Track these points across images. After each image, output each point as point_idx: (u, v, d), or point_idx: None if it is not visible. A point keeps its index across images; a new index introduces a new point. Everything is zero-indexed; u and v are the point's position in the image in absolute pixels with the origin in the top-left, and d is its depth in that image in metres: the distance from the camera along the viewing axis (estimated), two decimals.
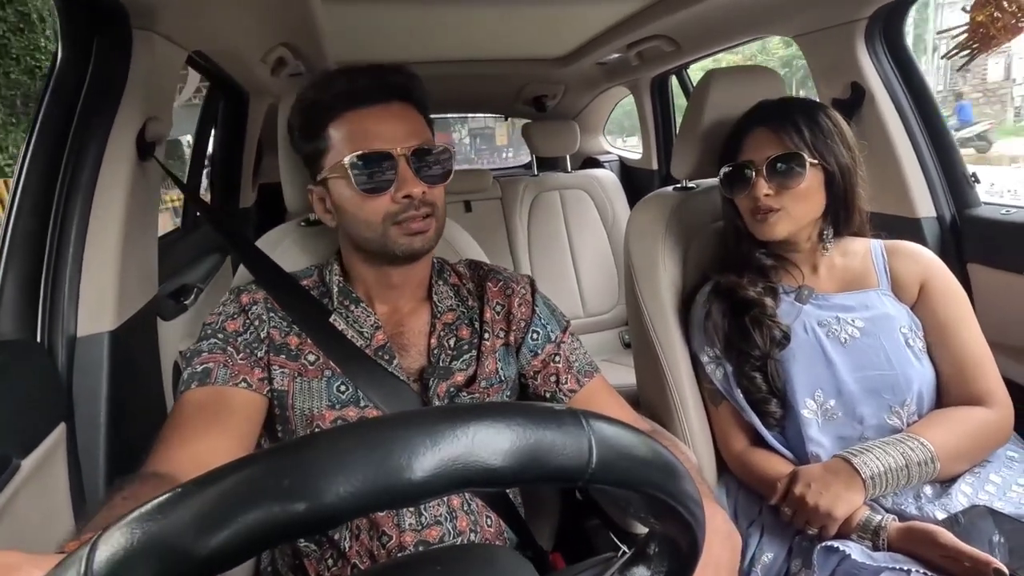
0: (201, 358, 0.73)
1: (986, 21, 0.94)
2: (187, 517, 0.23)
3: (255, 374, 0.74)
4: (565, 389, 0.86)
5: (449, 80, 2.13)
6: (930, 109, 1.27)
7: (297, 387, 0.75)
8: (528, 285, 0.90)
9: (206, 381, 0.71)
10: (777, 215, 0.93)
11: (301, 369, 0.76)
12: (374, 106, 0.75)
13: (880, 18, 1.24)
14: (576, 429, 0.27)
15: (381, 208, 0.74)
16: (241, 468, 0.25)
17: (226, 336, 0.75)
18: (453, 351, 0.81)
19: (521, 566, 0.40)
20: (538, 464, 0.26)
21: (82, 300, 0.90)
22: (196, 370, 0.72)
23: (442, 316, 0.83)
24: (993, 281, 1.16)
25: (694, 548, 0.36)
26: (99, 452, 0.87)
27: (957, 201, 1.25)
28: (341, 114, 0.75)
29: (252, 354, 0.75)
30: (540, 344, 0.86)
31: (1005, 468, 0.87)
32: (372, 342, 0.78)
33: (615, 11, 1.54)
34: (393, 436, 0.25)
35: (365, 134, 0.74)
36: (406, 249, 0.76)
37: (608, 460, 0.28)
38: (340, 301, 0.80)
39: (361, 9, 1.37)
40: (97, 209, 0.92)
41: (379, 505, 0.24)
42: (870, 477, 0.80)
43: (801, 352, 0.93)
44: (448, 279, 0.88)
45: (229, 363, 0.73)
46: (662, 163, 2.52)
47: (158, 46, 0.99)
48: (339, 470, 0.24)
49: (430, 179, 0.76)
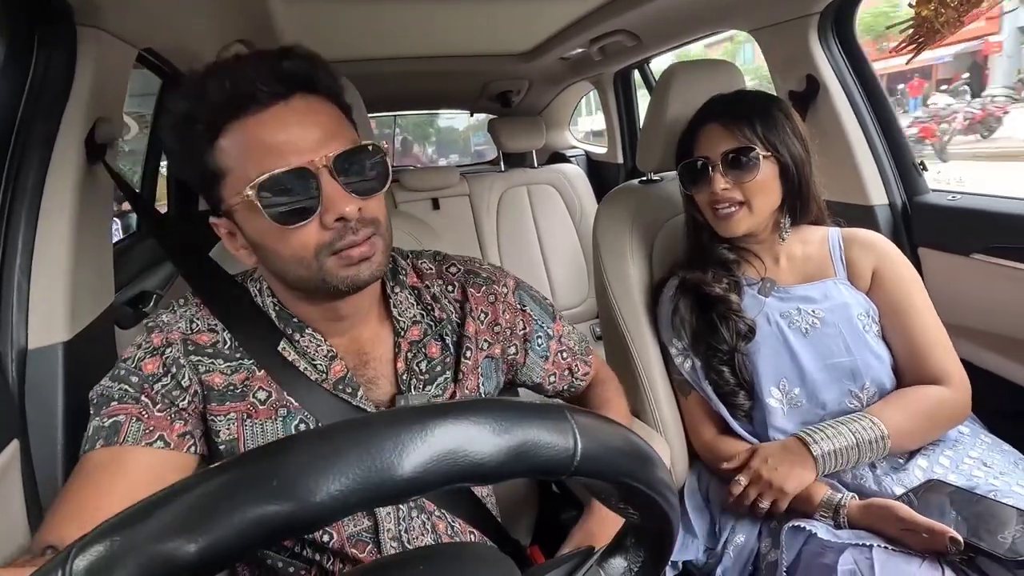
0: (111, 409, 0.61)
1: (931, 16, 0.97)
2: (168, 520, 0.23)
3: (175, 429, 0.62)
4: (580, 375, 0.88)
5: (413, 77, 2.11)
6: (881, 100, 1.32)
7: (247, 432, 0.65)
8: (510, 285, 0.82)
9: (112, 440, 0.59)
10: (739, 213, 0.96)
11: (250, 410, 0.65)
12: (269, 107, 0.58)
13: (831, 13, 1.28)
14: (562, 424, 0.28)
15: (310, 240, 0.59)
16: (223, 471, 0.24)
17: (141, 381, 0.62)
18: (425, 375, 0.72)
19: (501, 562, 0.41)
20: (526, 458, 0.27)
21: (32, 310, 0.86)
22: (104, 424, 0.60)
23: (406, 333, 0.72)
24: (942, 264, 1.21)
25: (669, 536, 0.37)
26: (57, 468, 0.83)
27: (907, 189, 1.31)
28: (229, 123, 0.58)
29: (172, 404, 0.63)
30: (545, 346, 0.84)
31: (958, 443, 0.91)
32: (329, 375, 0.67)
33: (577, 6, 1.55)
34: (382, 434, 0.25)
35: (265, 148, 0.57)
36: (351, 283, 0.62)
37: (591, 453, 0.29)
38: (282, 328, 0.68)
39: (320, 4, 1.35)
40: (45, 215, 0.88)
41: (369, 502, 0.24)
42: (821, 456, 0.84)
43: (765, 344, 0.96)
44: (405, 280, 0.76)
45: (144, 415, 0.61)
46: (627, 157, 2.55)
47: (106, 44, 0.95)
48: (327, 469, 0.24)
49: (364, 190, 0.61)
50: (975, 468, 0.86)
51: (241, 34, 1.42)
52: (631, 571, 0.39)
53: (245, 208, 0.59)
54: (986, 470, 0.85)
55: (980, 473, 0.85)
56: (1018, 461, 0.90)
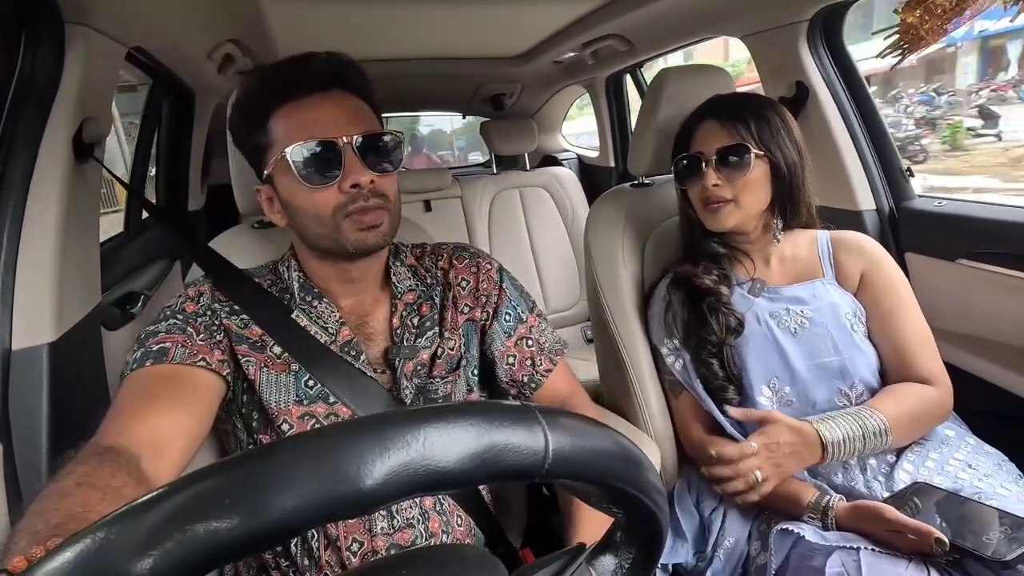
0: (158, 338, 0.70)
1: (915, 23, 0.99)
2: (125, 537, 0.22)
3: (215, 355, 0.71)
4: (541, 370, 0.89)
5: (405, 78, 2.10)
6: (869, 107, 1.34)
7: (264, 378, 0.74)
8: (495, 264, 0.91)
9: (162, 360, 0.68)
10: (727, 207, 0.97)
11: (268, 361, 0.74)
12: (311, 95, 0.73)
13: (820, 20, 1.30)
14: (532, 425, 0.27)
15: (330, 200, 0.72)
16: (184, 487, 0.24)
17: (185, 317, 0.73)
18: (416, 329, 0.81)
19: (491, 565, 0.40)
20: (492, 462, 0.26)
21: (16, 311, 0.85)
22: (151, 350, 0.69)
23: (402, 297, 0.83)
24: (928, 268, 1.23)
25: (659, 535, 0.37)
26: (41, 473, 0.82)
27: (895, 194, 1.32)
28: (280, 107, 0.73)
29: (212, 336, 0.73)
30: (512, 325, 0.88)
31: (943, 445, 0.92)
32: (337, 338, 0.77)
33: (570, 11, 1.56)
34: (342, 445, 0.24)
35: (305, 123, 0.71)
36: (359, 245, 0.74)
37: (565, 454, 0.28)
38: (302, 297, 0.79)
39: (312, 5, 1.34)
40: (31, 214, 0.87)
41: (331, 516, 0.24)
42: (831, 443, 0.84)
43: (755, 342, 0.97)
44: (405, 260, 0.87)
45: (188, 343, 0.70)
46: (619, 160, 2.56)
47: (94, 42, 0.94)
48: (286, 485, 0.23)
49: (379, 168, 0.73)
50: (960, 470, 0.87)
51: (232, 34, 1.41)
52: (621, 568, 0.39)
53: (280, 170, 0.73)
54: (971, 472, 0.87)
55: (965, 475, 0.86)
56: (1002, 463, 0.91)
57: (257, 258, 0.92)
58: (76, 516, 0.45)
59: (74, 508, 0.47)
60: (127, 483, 0.53)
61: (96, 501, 0.48)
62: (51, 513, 0.46)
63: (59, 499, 0.48)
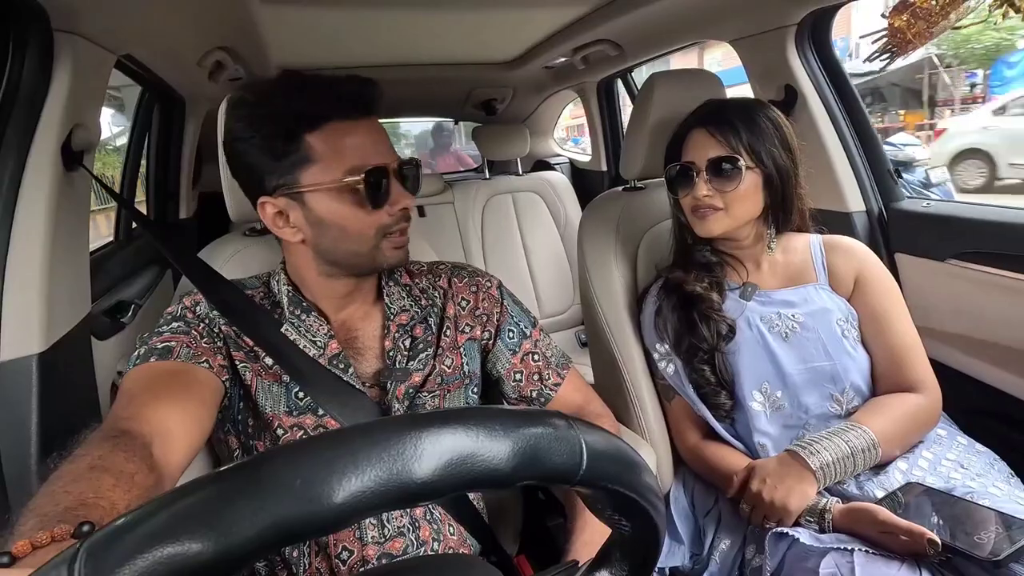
0: (162, 337, 0.72)
1: (903, 27, 1.00)
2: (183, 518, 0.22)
3: (216, 360, 0.73)
4: (550, 384, 0.89)
5: (396, 84, 2.10)
6: (857, 109, 1.35)
7: (259, 384, 0.76)
8: (494, 282, 0.91)
9: (167, 357, 0.69)
10: (716, 214, 0.97)
11: (260, 370, 0.76)
12: (361, 119, 0.73)
13: (809, 24, 1.31)
14: (567, 431, 0.29)
15: (377, 222, 0.74)
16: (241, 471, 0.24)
17: (188, 321, 0.75)
18: (409, 351, 0.81)
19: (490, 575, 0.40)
20: (539, 464, 0.28)
21: (4, 321, 0.84)
22: (155, 347, 0.70)
23: (395, 317, 0.82)
24: (917, 269, 1.24)
25: (656, 545, 0.37)
26: (31, 486, 0.81)
27: (884, 195, 1.34)
28: (323, 124, 0.70)
29: (213, 341, 0.75)
30: (517, 342, 0.88)
31: (935, 445, 0.93)
32: (326, 351, 0.77)
33: (561, 16, 1.57)
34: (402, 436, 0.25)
35: (357, 147, 0.71)
36: (394, 262, 0.78)
37: (595, 461, 0.29)
38: (291, 311, 0.79)
39: (303, 11, 1.34)
40: (19, 223, 0.86)
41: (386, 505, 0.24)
42: (819, 467, 0.84)
43: (746, 347, 0.97)
44: (399, 279, 0.87)
45: (192, 344, 0.72)
46: (611, 164, 2.57)
47: (83, 50, 0.94)
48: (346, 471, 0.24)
49: (413, 192, 0.77)
50: (953, 470, 0.88)
51: (223, 41, 1.41)
52: None
53: (332, 190, 0.71)
54: (963, 472, 0.87)
55: (957, 475, 0.86)
56: (993, 462, 0.91)
57: (249, 266, 0.91)
58: (87, 502, 0.46)
59: (85, 493, 0.47)
60: (140, 469, 0.53)
61: (108, 487, 0.48)
62: (61, 495, 0.46)
63: (71, 481, 0.48)
